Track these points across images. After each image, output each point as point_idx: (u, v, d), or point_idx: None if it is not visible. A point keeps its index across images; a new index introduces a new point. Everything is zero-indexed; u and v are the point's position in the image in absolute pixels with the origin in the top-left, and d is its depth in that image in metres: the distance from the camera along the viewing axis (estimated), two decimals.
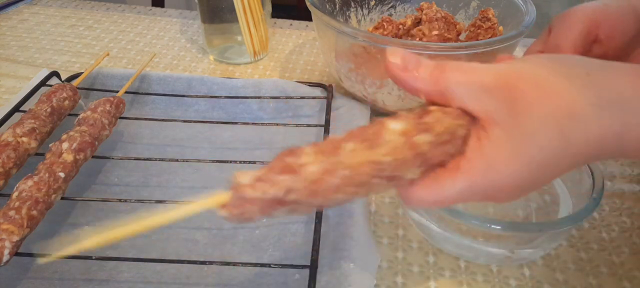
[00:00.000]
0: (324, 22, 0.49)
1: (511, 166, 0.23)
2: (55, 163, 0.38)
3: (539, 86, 0.22)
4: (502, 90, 0.23)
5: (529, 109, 0.22)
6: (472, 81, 0.23)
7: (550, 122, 0.22)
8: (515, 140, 0.23)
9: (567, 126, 0.22)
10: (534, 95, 0.22)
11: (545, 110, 0.22)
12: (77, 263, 0.37)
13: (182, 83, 0.54)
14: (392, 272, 0.38)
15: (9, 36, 0.70)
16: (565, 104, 0.22)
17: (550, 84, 0.23)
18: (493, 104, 0.23)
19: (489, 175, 0.24)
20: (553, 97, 0.22)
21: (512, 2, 0.53)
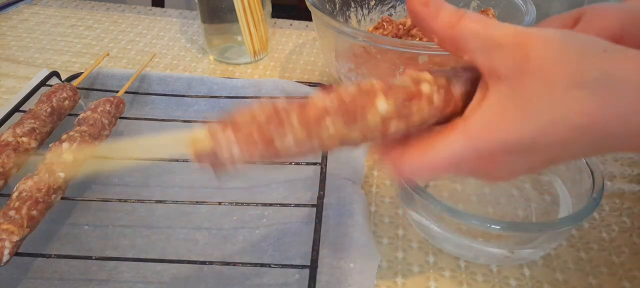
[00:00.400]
0: (324, 22, 0.49)
1: (510, 124, 0.22)
2: (55, 163, 0.38)
3: (552, 50, 0.22)
4: (515, 48, 0.22)
5: (538, 72, 0.22)
6: (487, 35, 0.23)
7: (557, 87, 0.22)
8: (519, 99, 0.22)
9: (573, 95, 0.22)
10: (544, 59, 0.22)
11: (554, 75, 0.22)
12: (77, 263, 0.37)
13: (182, 83, 0.54)
14: (392, 272, 0.38)
15: (9, 36, 0.70)
16: (575, 72, 0.22)
17: (563, 51, 0.22)
18: (502, 60, 0.22)
19: (488, 134, 0.23)
20: (565, 63, 0.22)
21: (512, 2, 0.53)
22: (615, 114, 0.22)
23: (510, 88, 0.22)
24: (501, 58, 0.22)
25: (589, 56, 0.22)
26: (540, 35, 0.22)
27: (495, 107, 0.23)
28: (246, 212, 0.42)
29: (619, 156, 0.50)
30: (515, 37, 0.22)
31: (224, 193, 0.44)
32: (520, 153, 0.23)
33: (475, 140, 0.23)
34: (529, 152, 0.23)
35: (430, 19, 0.24)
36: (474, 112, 0.24)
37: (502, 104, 0.23)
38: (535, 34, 0.22)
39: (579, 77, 0.21)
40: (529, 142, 0.23)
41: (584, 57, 0.22)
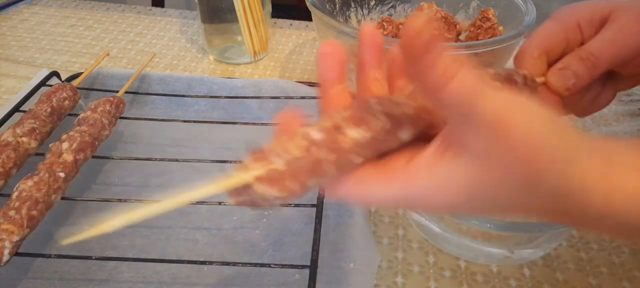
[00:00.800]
0: (324, 22, 0.48)
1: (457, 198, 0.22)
2: (55, 163, 0.38)
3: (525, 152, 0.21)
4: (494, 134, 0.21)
5: (505, 164, 0.21)
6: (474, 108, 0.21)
7: (512, 183, 0.21)
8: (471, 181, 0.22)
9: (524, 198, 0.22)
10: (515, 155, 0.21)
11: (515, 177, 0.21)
12: (77, 263, 0.37)
13: (182, 83, 0.54)
14: (392, 272, 0.38)
15: (9, 36, 0.70)
16: (536, 176, 0.21)
17: (534, 157, 0.21)
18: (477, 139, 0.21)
19: (431, 194, 0.22)
20: (530, 165, 0.21)
21: (512, 2, 0.53)
22: (565, 216, 0.22)
23: (474, 167, 0.22)
24: (477, 136, 0.21)
25: (553, 166, 0.21)
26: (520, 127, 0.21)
27: (451, 177, 0.22)
28: (246, 212, 0.42)
29: None
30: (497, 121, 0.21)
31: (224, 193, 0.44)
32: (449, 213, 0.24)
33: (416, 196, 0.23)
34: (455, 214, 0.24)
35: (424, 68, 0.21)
36: (424, 167, 0.23)
37: (459, 178, 0.22)
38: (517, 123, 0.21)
39: (534, 183, 0.21)
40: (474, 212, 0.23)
41: (549, 166, 0.21)
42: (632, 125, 0.54)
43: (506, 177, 0.21)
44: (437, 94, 0.21)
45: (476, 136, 0.21)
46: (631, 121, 0.54)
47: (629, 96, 0.58)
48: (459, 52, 0.46)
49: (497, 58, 0.49)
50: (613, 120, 0.55)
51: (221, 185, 0.23)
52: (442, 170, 0.22)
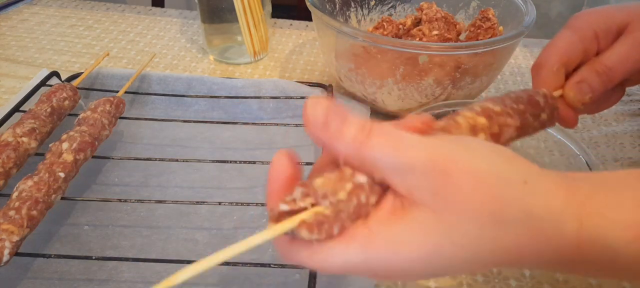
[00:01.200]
0: (324, 22, 0.49)
1: (418, 255, 0.21)
2: (55, 164, 0.38)
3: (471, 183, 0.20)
4: (432, 175, 0.20)
5: (457, 203, 0.20)
6: (400, 157, 0.20)
7: (473, 224, 0.20)
8: (433, 229, 0.21)
9: (489, 231, 0.21)
10: (462, 192, 0.20)
11: (471, 210, 0.20)
12: (77, 263, 0.37)
13: (182, 83, 0.54)
14: None
15: (9, 36, 0.70)
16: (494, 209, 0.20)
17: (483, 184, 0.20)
18: (418, 185, 0.21)
19: (392, 256, 0.21)
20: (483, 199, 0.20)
21: (512, 2, 0.53)
22: (529, 249, 0.21)
23: (423, 217, 0.21)
24: (416, 182, 0.20)
25: (509, 190, 0.20)
26: (459, 162, 0.20)
27: (410, 234, 0.21)
28: (246, 212, 0.42)
29: (618, 156, 0.50)
30: (431, 161, 0.20)
31: (224, 193, 0.44)
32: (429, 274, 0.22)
33: (377, 261, 0.21)
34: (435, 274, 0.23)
35: (333, 140, 0.21)
36: (380, 229, 0.21)
37: (419, 232, 0.21)
38: (454, 159, 0.20)
39: (497, 215, 0.20)
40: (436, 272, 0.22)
41: (504, 191, 0.20)
42: (632, 125, 0.54)
43: (467, 214, 0.20)
44: (358, 158, 0.21)
45: (421, 183, 0.20)
46: (631, 121, 0.54)
47: (629, 96, 0.58)
48: (459, 52, 0.46)
49: (497, 58, 0.49)
50: (613, 120, 0.55)
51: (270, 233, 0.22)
52: (400, 227, 0.21)
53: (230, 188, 0.45)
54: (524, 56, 0.67)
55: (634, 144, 0.51)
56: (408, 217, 0.21)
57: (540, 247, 0.21)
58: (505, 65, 0.54)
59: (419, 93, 0.49)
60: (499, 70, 0.52)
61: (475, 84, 0.50)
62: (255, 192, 0.45)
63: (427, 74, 0.47)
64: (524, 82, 0.62)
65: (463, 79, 0.48)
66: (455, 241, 0.21)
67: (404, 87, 0.49)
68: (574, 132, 0.53)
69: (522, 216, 0.20)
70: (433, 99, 0.49)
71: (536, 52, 0.68)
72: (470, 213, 0.20)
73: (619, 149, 0.51)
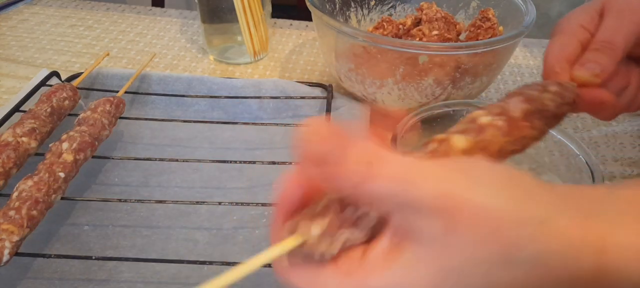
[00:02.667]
0: (324, 22, 0.49)
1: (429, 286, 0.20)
2: (55, 164, 0.38)
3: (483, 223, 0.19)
4: (443, 215, 0.19)
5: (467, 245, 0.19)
6: (410, 195, 0.19)
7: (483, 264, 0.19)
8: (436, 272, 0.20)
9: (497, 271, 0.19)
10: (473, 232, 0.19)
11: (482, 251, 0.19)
12: (77, 263, 0.37)
13: (182, 83, 0.54)
14: None
15: (9, 36, 0.70)
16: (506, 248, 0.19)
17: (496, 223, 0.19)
18: (426, 225, 0.19)
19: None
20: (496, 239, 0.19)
21: (512, 2, 0.53)
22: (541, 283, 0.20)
23: (429, 256, 0.20)
24: (425, 223, 0.19)
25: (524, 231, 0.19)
26: (474, 200, 0.19)
27: (407, 273, 0.20)
28: (246, 212, 0.42)
29: (618, 156, 0.50)
30: (445, 201, 0.19)
31: (224, 193, 0.44)
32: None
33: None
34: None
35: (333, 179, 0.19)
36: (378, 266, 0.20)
37: (417, 271, 0.20)
38: (469, 197, 0.19)
39: (509, 255, 0.19)
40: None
41: (519, 233, 0.19)
42: (632, 125, 0.54)
43: (475, 255, 0.19)
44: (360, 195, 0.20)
45: (425, 222, 0.19)
46: (631, 121, 0.54)
47: None
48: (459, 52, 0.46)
49: (497, 58, 0.49)
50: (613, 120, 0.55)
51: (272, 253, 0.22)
52: (399, 265, 0.20)
53: (230, 188, 0.45)
54: (524, 56, 0.67)
55: (634, 144, 0.51)
56: (409, 255, 0.20)
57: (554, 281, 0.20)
58: (505, 65, 0.54)
59: (419, 93, 0.49)
60: (499, 70, 0.52)
61: (475, 84, 0.50)
62: (255, 192, 0.45)
63: (427, 74, 0.47)
64: (524, 82, 0.62)
65: (463, 79, 0.48)
66: (456, 283, 0.20)
67: (404, 87, 0.49)
68: (574, 131, 0.53)
69: (536, 256, 0.19)
70: (433, 99, 0.49)
71: (536, 52, 0.68)
72: (480, 255, 0.19)
73: (619, 149, 0.51)
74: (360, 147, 0.19)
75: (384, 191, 0.19)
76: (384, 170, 0.19)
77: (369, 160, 0.19)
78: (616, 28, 0.35)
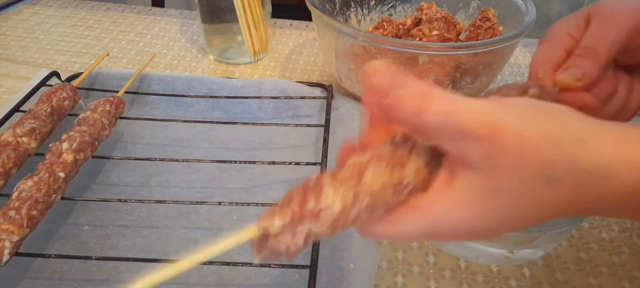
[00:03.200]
0: (324, 22, 0.49)
1: (474, 216, 0.23)
2: (55, 163, 0.38)
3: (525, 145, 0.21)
4: (486, 140, 0.21)
5: (508, 167, 0.21)
6: (455, 125, 0.21)
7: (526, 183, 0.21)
8: (487, 192, 0.22)
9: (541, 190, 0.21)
10: (516, 153, 0.21)
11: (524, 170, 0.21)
12: (77, 263, 0.37)
13: (182, 83, 0.54)
14: (392, 272, 0.38)
15: (9, 36, 0.70)
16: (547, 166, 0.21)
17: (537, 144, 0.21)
18: (472, 151, 0.21)
19: (451, 218, 0.23)
20: (537, 158, 0.21)
21: (512, 2, 0.53)
22: (581, 204, 0.22)
23: (478, 179, 0.22)
24: (471, 148, 0.21)
25: (563, 149, 0.21)
26: (513, 125, 0.21)
27: (462, 196, 0.23)
28: (246, 212, 0.42)
29: None
30: (486, 127, 0.21)
31: (224, 193, 0.44)
32: (483, 235, 0.24)
33: (438, 225, 0.23)
34: (491, 234, 0.24)
35: (393, 110, 0.22)
36: (438, 196, 0.23)
37: (469, 194, 0.22)
38: (508, 123, 0.21)
39: (550, 172, 0.21)
40: (492, 229, 0.23)
41: (559, 150, 0.21)
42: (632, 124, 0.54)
43: (520, 175, 0.21)
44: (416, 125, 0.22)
45: (473, 149, 0.21)
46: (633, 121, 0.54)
47: None
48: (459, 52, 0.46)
49: (497, 58, 0.49)
50: None
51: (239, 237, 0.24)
52: (455, 191, 0.23)
53: (230, 188, 0.45)
54: (524, 56, 0.67)
55: None
56: (462, 181, 0.22)
57: (597, 200, 0.22)
58: (505, 65, 0.54)
59: None
60: (499, 70, 0.52)
61: (475, 84, 0.50)
62: (255, 192, 0.45)
63: (427, 74, 0.47)
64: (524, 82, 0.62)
65: (463, 79, 0.48)
66: (506, 201, 0.22)
67: None
68: None
69: (577, 174, 0.21)
70: None
71: None
72: (523, 175, 0.21)
73: None
74: (415, 84, 0.22)
75: (434, 122, 0.21)
76: (434, 104, 0.21)
77: (424, 95, 0.21)
78: (600, 35, 0.36)
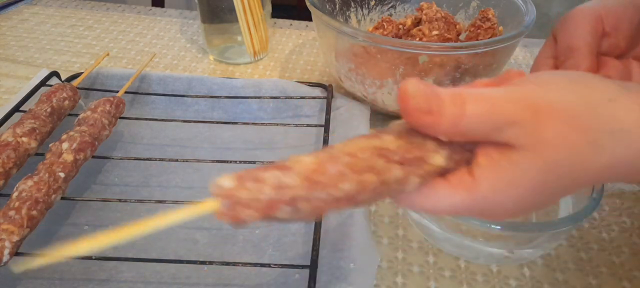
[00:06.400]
0: (324, 22, 0.49)
1: (527, 193, 0.23)
2: (55, 163, 0.38)
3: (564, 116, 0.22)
4: (528, 121, 0.22)
5: (553, 139, 0.22)
6: (494, 116, 0.22)
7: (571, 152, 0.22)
8: (537, 171, 0.23)
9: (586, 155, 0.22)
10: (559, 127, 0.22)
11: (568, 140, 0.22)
12: (77, 263, 0.37)
13: (182, 83, 0.54)
14: (392, 272, 0.38)
15: (9, 36, 0.70)
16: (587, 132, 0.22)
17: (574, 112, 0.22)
18: (517, 135, 0.22)
19: (493, 197, 0.23)
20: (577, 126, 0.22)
21: (512, 2, 0.53)
22: (621, 162, 0.23)
23: (526, 158, 0.23)
24: (515, 133, 0.22)
25: (597, 111, 0.22)
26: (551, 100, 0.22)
27: (510, 175, 0.23)
28: None
29: None
30: (528, 110, 0.22)
31: None
32: (529, 210, 0.25)
33: (484, 203, 0.24)
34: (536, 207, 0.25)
35: (434, 125, 0.23)
36: (484, 174, 0.24)
37: (518, 173, 0.23)
38: (547, 99, 0.22)
39: (591, 137, 0.22)
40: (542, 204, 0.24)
41: (594, 113, 0.22)
42: None
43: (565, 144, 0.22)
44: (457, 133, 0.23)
45: (516, 132, 0.22)
46: None
47: None
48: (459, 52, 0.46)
49: (497, 58, 0.49)
50: None
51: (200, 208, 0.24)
52: (501, 171, 0.23)
53: None
54: (524, 56, 0.67)
55: None
56: (507, 160, 0.23)
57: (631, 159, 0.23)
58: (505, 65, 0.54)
59: None
60: (499, 70, 0.52)
61: None
62: None
63: (427, 74, 0.47)
64: None
65: (463, 79, 0.48)
66: (557, 173, 0.22)
67: None
68: None
69: (611, 132, 0.22)
70: None
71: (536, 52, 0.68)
72: (568, 143, 0.22)
73: None
74: (450, 93, 0.23)
75: (475, 124, 0.22)
76: (471, 107, 0.22)
77: (458, 100, 0.22)
78: (570, 34, 0.38)
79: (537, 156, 0.22)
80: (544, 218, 0.41)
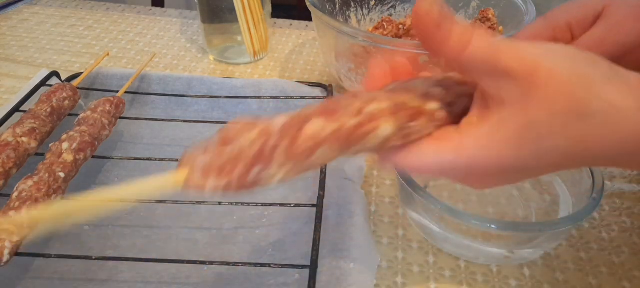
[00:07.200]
0: (324, 22, 0.49)
1: (507, 149, 0.23)
2: (55, 163, 0.38)
3: (559, 81, 0.22)
4: (523, 77, 0.22)
5: (542, 102, 0.22)
6: (496, 62, 0.22)
7: (558, 116, 0.22)
8: (520, 126, 0.23)
9: (573, 126, 0.22)
10: (550, 89, 0.22)
11: (557, 105, 0.22)
12: (77, 263, 0.37)
13: (182, 83, 0.54)
14: (392, 272, 0.38)
15: (9, 36, 0.70)
16: (579, 102, 0.22)
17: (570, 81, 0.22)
18: (509, 88, 0.22)
19: (483, 157, 0.23)
20: (569, 94, 0.22)
21: (512, 2, 0.53)
22: (611, 142, 0.22)
23: (512, 114, 0.23)
24: (508, 85, 0.22)
25: (594, 86, 0.22)
26: (549, 64, 0.22)
27: (495, 131, 0.23)
28: (246, 212, 0.42)
29: None
30: (524, 65, 0.22)
31: None
32: (512, 174, 0.24)
33: (468, 158, 0.24)
34: (521, 172, 0.24)
35: (440, 42, 0.23)
36: (471, 130, 0.24)
37: (502, 128, 0.23)
38: (545, 61, 0.22)
39: (582, 108, 0.22)
40: (523, 166, 0.24)
41: (589, 87, 0.22)
42: None
43: (552, 109, 0.22)
44: (458, 60, 0.23)
45: (510, 86, 0.22)
46: None
47: None
48: None
49: None
50: None
51: None
52: (487, 126, 0.23)
53: None
54: None
55: None
56: (496, 116, 0.23)
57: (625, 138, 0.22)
58: None
59: None
60: None
61: None
62: (255, 192, 0.44)
63: None
64: None
65: None
66: (539, 136, 0.22)
67: None
68: None
69: (604, 109, 0.22)
70: None
71: None
72: (556, 109, 0.22)
73: None
74: (462, 23, 0.23)
75: (475, 58, 0.23)
76: (478, 41, 0.23)
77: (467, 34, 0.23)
78: (599, 42, 0.35)
79: (521, 111, 0.22)
80: (544, 218, 0.41)
